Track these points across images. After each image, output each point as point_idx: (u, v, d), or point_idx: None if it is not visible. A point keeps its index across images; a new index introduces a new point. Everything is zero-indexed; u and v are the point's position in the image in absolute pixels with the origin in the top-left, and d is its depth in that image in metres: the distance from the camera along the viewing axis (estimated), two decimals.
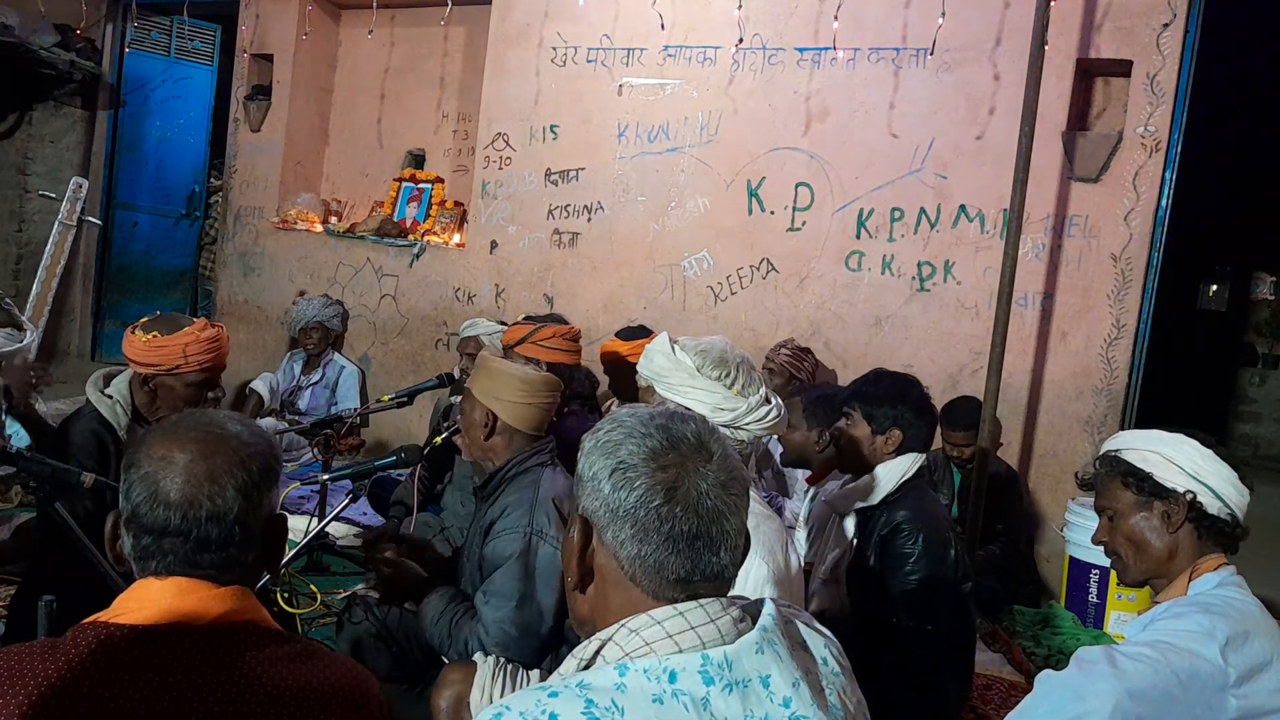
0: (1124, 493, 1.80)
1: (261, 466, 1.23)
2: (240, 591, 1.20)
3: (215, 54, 7.29)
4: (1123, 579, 1.86)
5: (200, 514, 1.17)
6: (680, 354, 2.18)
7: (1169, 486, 1.75)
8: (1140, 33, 4.21)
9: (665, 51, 5.18)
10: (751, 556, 1.93)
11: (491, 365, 2.49)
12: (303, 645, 1.22)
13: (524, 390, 2.43)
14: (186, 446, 1.20)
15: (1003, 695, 3.33)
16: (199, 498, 1.18)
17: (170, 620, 1.14)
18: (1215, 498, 1.73)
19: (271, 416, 5.55)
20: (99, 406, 2.57)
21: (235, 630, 1.17)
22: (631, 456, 1.08)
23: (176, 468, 1.18)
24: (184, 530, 1.17)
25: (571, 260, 5.46)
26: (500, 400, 2.42)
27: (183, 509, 1.17)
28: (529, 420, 2.45)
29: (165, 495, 1.17)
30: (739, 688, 0.99)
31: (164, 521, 1.17)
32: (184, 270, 7.62)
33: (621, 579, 1.08)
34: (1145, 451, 1.78)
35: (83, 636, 1.12)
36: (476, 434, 2.45)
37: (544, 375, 2.51)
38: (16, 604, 2.66)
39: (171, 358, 2.55)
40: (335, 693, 1.20)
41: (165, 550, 1.18)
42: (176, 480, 1.18)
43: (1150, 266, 4.26)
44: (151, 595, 1.16)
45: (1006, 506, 4.28)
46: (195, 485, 1.18)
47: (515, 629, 2.23)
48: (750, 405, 2.11)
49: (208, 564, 1.18)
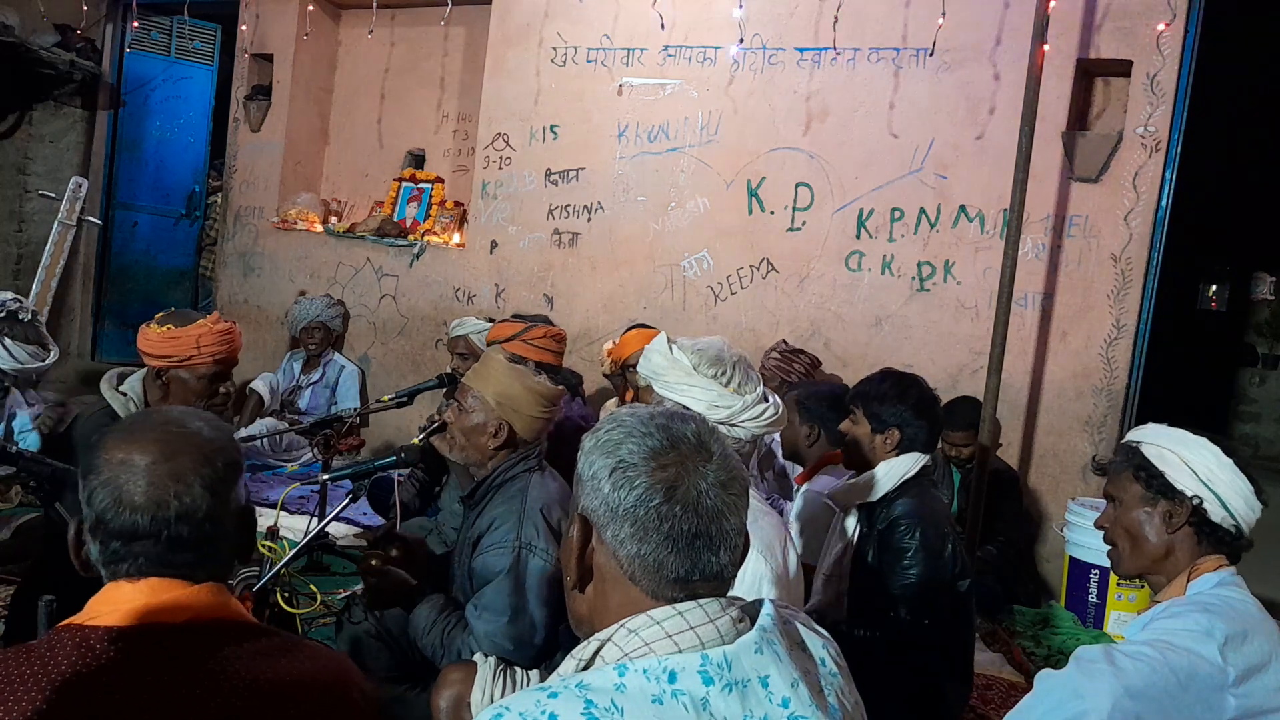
0: (1133, 485, 1.80)
1: (226, 461, 1.22)
2: (214, 588, 1.19)
3: (215, 54, 7.29)
4: (1115, 569, 1.87)
5: (169, 514, 1.16)
6: (677, 353, 2.19)
7: (1177, 488, 1.74)
8: (1140, 33, 4.21)
9: (665, 51, 5.18)
10: (750, 553, 1.94)
11: (509, 374, 2.43)
12: (282, 639, 1.21)
13: (543, 406, 2.41)
14: (147, 448, 1.18)
15: (1003, 695, 3.33)
16: (166, 498, 1.16)
17: (146, 621, 1.13)
18: (1222, 507, 1.73)
19: (272, 416, 5.55)
20: (113, 403, 2.58)
21: (212, 627, 1.16)
22: (631, 455, 1.08)
23: (139, 470, 1.16)
24: (154, 532, 1.16)
25: (571, 260, 5.46)
26: (518, 414, 2.39)
27: (151, 511, 1.15)
28: (537, 432, 2.44)
29: (130, 499, 1.15)
30: (738, 688, 0.99)
31: (132, 525, 1.15)
32: (184, 270, 7.62)
33: (620, 578, 1.08)
34: (1163, 449, 1.78)
35: (58, 640, 1.11)
36: (483, 441, 2.41)
37: (559, 389, 2.49)
38: (16, 604, 2.66)
39: (185, 349, 2.56)
40: (316, 684, 1.19)
41: (136, 553, 1.16)
42: (140, 483, 1.16)
43: (1150, 266, 4.26)
44: (125, 597, 1.15)
45: (1006, 506, 4.29)
46: (161, 486, 1.16)
47: (508, 642, 2.23)
48: (746, 403, 2.13)
49: (180, 563, 1.17)
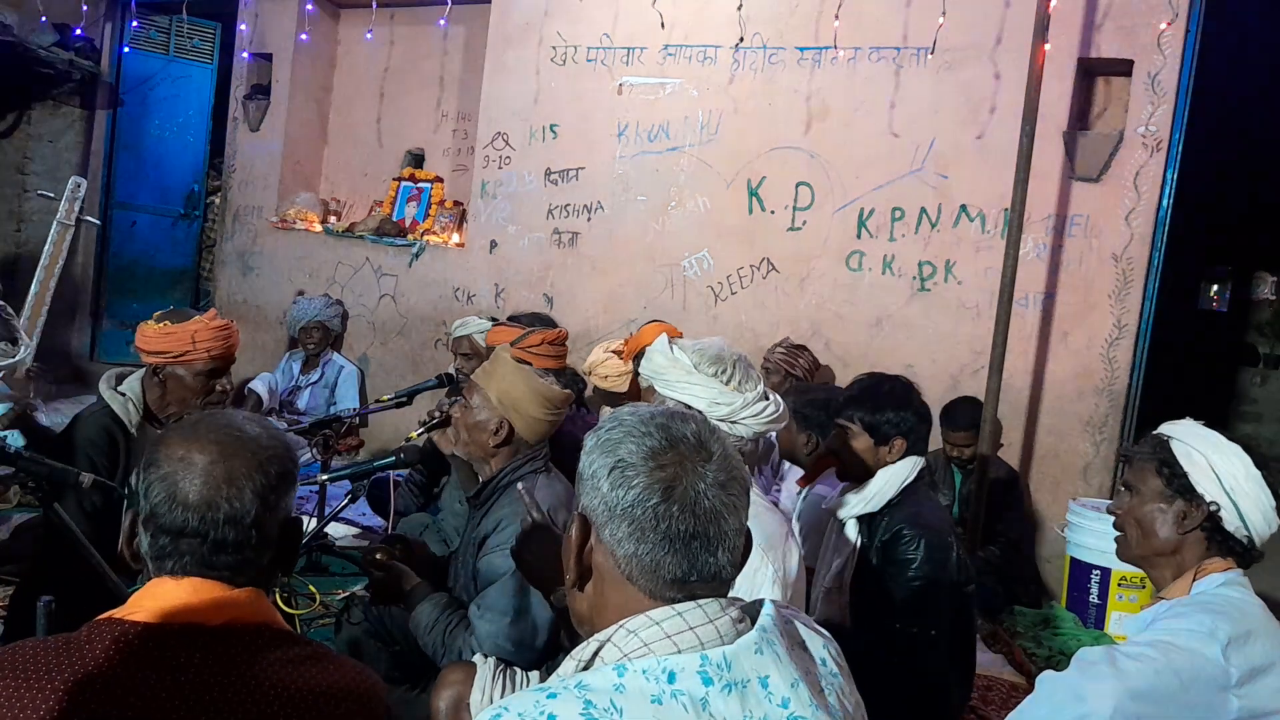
0: (1154, 479, 1.78)
1: (279, 470, 1.24)
2: (254, 593, 1.21)
3: (215, 53, 7.28)
4: (1119, 553, 1.86)
5: (218, 516, 1.18)
6: (678, 352, 2.20)
7: (1198, 491, 1.72)
8: (1141, 32, 4.21)
9: (665, 51, 5.18)
10: (757, 554, 1.93)
11: (514, 374, 2.43)
12: (312, 648, 1.23)
13: (546, 408, 2.41)
14: (206, 448, 1.20)
15: (1004, 696, 3.33)
16: (217, 500, 1.18)
17: (184, 620, 1.15)
18: (1238, 517, 1.71)
19: (270, 416, 5.54)
20: (111, 403, 2.58)
21: (247, 631, 1.18)
22: (630, 455, 1.07)
23: (196, 469, 1.19)
24: (201, 532, 1.18)
25: (571, 260, 5.45)
26: (520, 413, 2.39)
27: (200, 510, 1.18)
28: (539, 434, 2.44)
29: (184, 496, 1.18)
30: (738, 688, 0.99)
31: (181, 522, 1.18)
32: (183, 270, 7.61)
33: (619, 578, 1.07)
34: (1193, 449, 1.75)
35: (97, 633, 1.13)
36: (484, 438, 2.41)
37: (565, 392, 2.49)
38: (15, 604, 2.66)
39: (180, 344, 2.57)
40: (344, 694, 1.21)
41: (182, 551, 1.18)
42: (195, 482, 1.18)
43: (1151, 266, 4.25)
44: (166, 594, 1.17)
45: (1007, 507, 4.28)
46: (214, 488, 1.18)
47: (510, 643, 2.23)
48: (746, 400, 2.13)
49: (223, 565, 1.19)
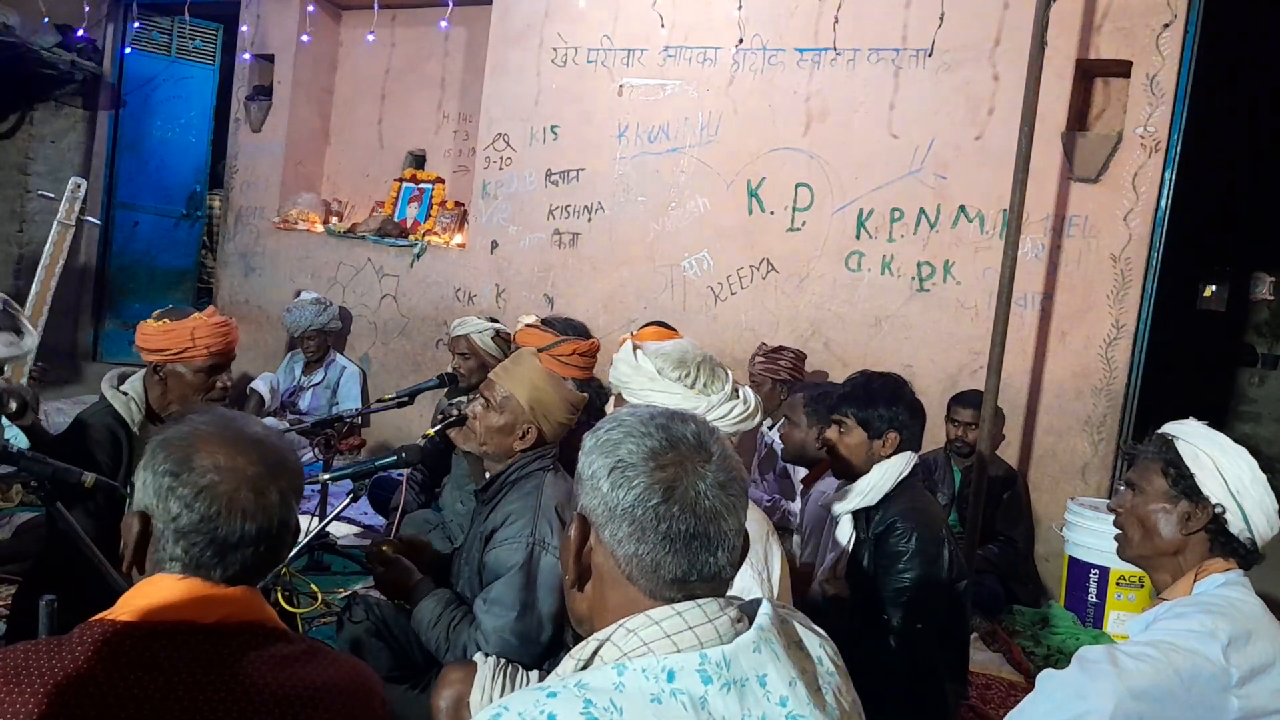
0: (1159, 479, 1.77)
1: (301, 484, 1.28)
2: (247, 591, 1.21)
3: (217, 54, 7.28)
4: (1120, 552, 1.86)
5: (271, 526, 1.20)
6: (641, 359, 2.21)
7: (1203, 492, 1.72)
8: (1140, 33, 4.21)
9: (665, 52, 5.18)
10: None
11: (546, 381, 2.49)
12: (307, 644, 1.23)
13: (571, 413, 2.50)
14: (252, 459, 1.21)
15: (1002, 695, 3.33)
16: (272, 511, 1.20)
17: (176, 619, 1.15)
18: (1243, 520, 1.71)
19: (273, 416, 5.55)
20: (113, 402, 2.59)
21: (242, 629, 1.18)
22: (631, 455, 1.08)
23: (247, 480, 1.19)
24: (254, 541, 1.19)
25: (572, 260, 5.46)
26: (549, 420, 2.45)
27: (258, 521, 1.19)
28: (558, 436, 2.51)
29: (240, 506, 1.18)
30: (736, 687, 1.00)
31: (240, 533, 1.18)
32: (185, 270, 7.61)
33: (619, 578, 1.08)
34: (1199, 450, 1.75)
35: (89, 634, 1.12)
36: (509, 442, 2.44)
37: (583, 396, 2.60)
38: (17, 604, 2.67)
39: (180, 341, 2.59)
40: (340, 691, 1.21)
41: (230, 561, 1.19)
42: (247, 493, 1.19)
43: (1150, 266, 4.26)
44: (158, 592, 1.17)
45: (1006, 506, 4.29)
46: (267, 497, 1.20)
47: (515, 638, 2.24)
48: (712, 403, 2.13)
49: (233, 564, 1.19)
